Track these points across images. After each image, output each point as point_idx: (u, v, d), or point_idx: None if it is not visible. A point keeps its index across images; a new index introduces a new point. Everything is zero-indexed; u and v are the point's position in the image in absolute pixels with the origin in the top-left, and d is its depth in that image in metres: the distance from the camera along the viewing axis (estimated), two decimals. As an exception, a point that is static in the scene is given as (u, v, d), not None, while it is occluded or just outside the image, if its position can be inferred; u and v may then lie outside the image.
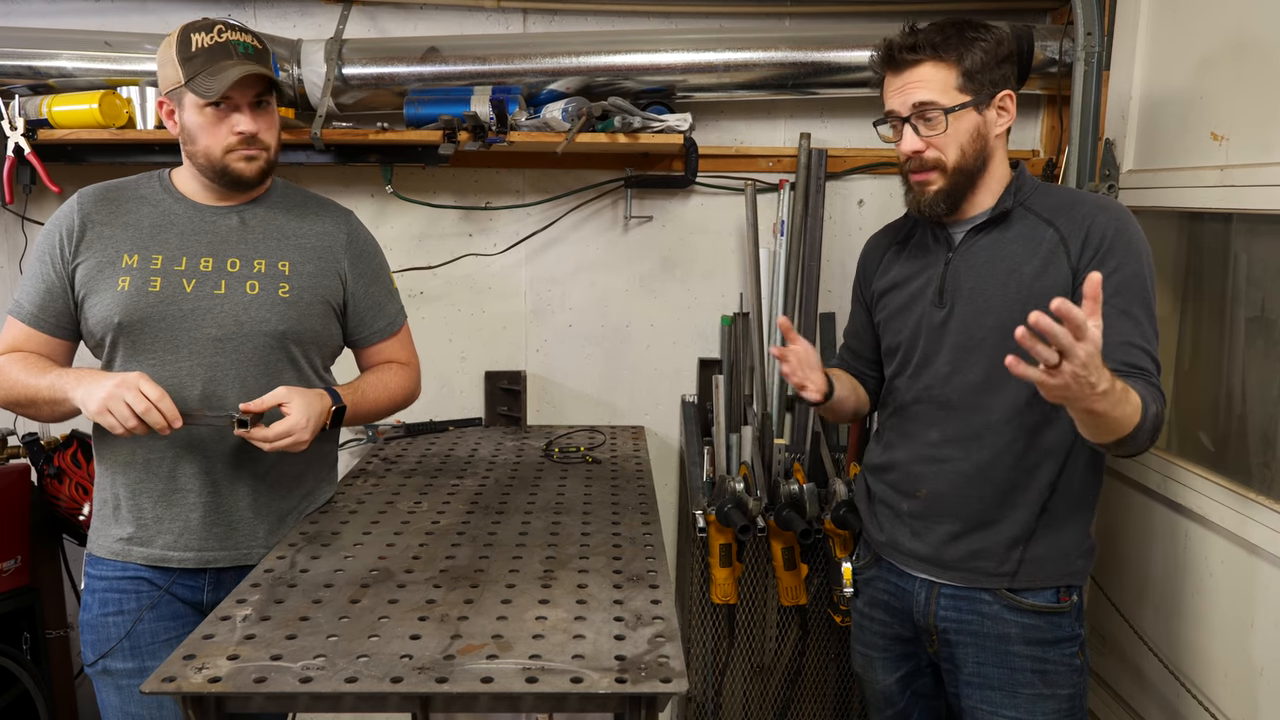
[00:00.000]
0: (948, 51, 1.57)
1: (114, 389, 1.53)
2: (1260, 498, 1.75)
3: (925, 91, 1.58)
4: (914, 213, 1.70)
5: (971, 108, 1.59)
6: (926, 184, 1.63)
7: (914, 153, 1.62)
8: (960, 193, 1.64)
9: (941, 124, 1.58)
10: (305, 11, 2.56)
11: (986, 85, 1.59)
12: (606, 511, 1.89)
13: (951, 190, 1.63)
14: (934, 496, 1.69)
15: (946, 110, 1.57)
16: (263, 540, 1.76)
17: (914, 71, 1.59)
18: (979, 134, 1.61)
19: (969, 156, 1.61)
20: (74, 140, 2.34)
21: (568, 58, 2.39)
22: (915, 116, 1.60)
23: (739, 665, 2.50)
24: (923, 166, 1.62)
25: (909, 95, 1.60)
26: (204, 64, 1.62)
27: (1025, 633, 1.64)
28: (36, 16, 2.52)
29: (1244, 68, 1.84)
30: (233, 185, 1.71)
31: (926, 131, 1.60)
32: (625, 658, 1.27)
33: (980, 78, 1.59)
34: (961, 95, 1.58)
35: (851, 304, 1.96)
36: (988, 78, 1.59)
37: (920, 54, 1.58)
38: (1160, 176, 2.10)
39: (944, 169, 1.61)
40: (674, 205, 2.69)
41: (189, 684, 1.20)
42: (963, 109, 1.58)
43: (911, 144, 1.61)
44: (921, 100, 1.58)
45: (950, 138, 1.59)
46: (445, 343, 2.73)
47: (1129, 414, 1.36)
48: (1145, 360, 1.51)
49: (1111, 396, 1.30)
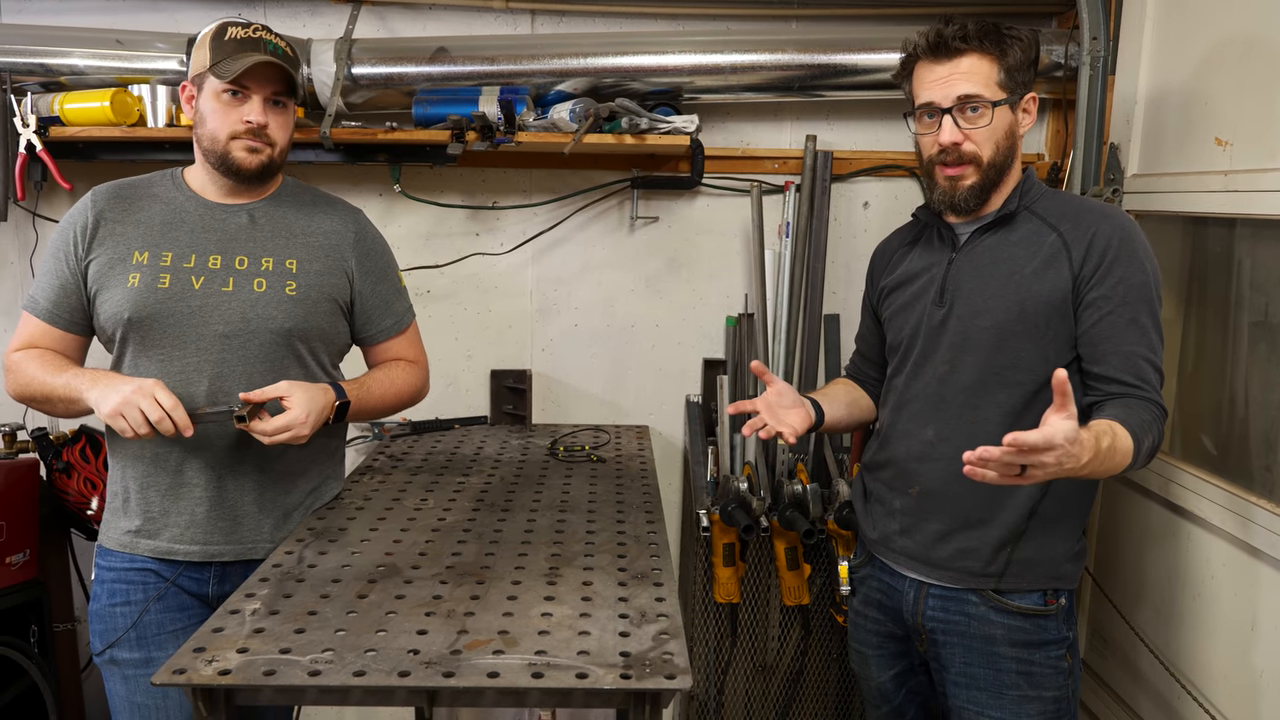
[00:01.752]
0: (993, 45, 1.58)
1: (130, 395, 1.55)
2: (1262, 501, 1.75)
3: (970, 84, 1.58)
4: (944, 207, 1.67)
5: (1007, 105, 1.60)
6: (960, 178, 1.62)
7: (952, 144, 1.60)
8: (990, 189, 1.63)
9: (986, 116, 1.58)
10: (315, 11, 2.57)
11: (1020, 85, 1.60)
12: (611, 510, 1.90)
13: (984, 186, 1.62)
14: (926, 493, 1.70)
15: (995, 103, 1.58)
16: (268, 535, 1.78)
17: (960, 62, 1.58)
18: (1010, 132, 1.62)
19: (1001, 153, 1.61)
20: (85, 138, 2.36)
21: (575, 59, 2.41)
22: (957, 109, 1.59)
23: (741, 664, 2.51)
24: (960, 160, 1.61)
25: (953, 87, 1.58)
26: (231, 51, 1.66)
27: (1011, 634, 1.65)
28: (49, 14, 2.53)
29: (1249, 73, 1.85)
30: (232, 175, 1.72)
31: (966, 125, 1.59)
32: (630, 654, 1.28)
33: (1017, 76, 1.60)
34: (1001, 91, 1.59)
35: (862, 309, 1.97)
36: (1022, 78, 1.60)
37: (968, 45, 1.58)
38: (1165, 181, 2.11)
39: (979, 164, 1.61)
40: (680, 206, 2.70)
41: (199, 676, 1.21)
42: (1002, 105, 1.59)
43: (951, 135, 1.59)
44: (967, 93, 1.58)
45: (989, 133, 1.59)
46: (451, 341, 2.74)
47: (1119, 463, 1.42)
48: (1149, 372, 1.53)
49: (1096, 462, 1.36)
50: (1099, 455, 1.35)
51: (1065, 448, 1.26)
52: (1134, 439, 1.42)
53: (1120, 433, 1.41)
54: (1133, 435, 1.43)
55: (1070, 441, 1.27)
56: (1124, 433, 1.42)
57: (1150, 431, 1.46)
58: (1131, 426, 1.43)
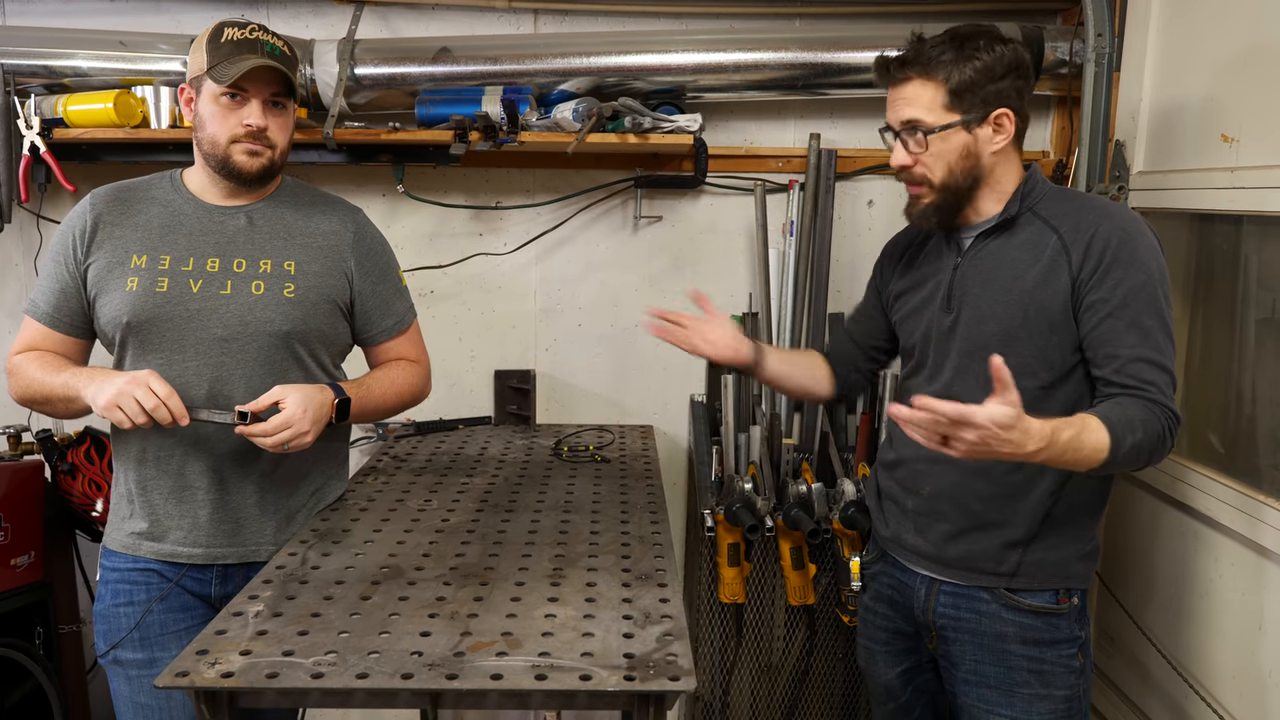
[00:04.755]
0: (935, 70, 1.57)
1: (124, 385, 1.55)
2: (1270, 500, 1.75)
3: (911, 109, 1.59)
4: (910, 221, 1.72)
5: (960, 127, 1.58)
6: (918, 197, 1.66)
7: (901, 167, 1.64)
8: (951, 208, 1.64)
9: (924, 143, 1.59)
10: (318, 12, 2.57)
11: (978, 104, 1.57)
12: (615, 510, 1.90)
13: (941, 205, 1.64)
14: (936, 494, 1.70)
15: (928, 131, 1.58)
16: (270, 537, 1.77)
17: (903, 88, 1.60)
18: (969, 152, 1.60)
19: (957, 174, 1.61)
20: (89, 139, 2.36)
21: (578, 58, 2.40)
22: (904, 132, 1.61)
23: (746, 664, 2.50)
24: (911, 180, 1.65)
25: (898, 111, 1.61)
26: (228, 54, 1.64)
27: (1023, 632, 1.64)
28: (52, 16, 2.54)
29: (1255, 69, 1.84)
30: (233, 179, 1.72)
31: (915, 148, 1.61)
32: (634, 656, 1.27)
33: (970, 97, 1.57)
34: (949, 114, 1.57)
35: (866, 289, 1.96)
36: (979, 96, 1.57)
37: (908, 70, 1.59)
38: (1171, 178, 2.10)
39: (931, 185, 1.62)
40: (684, 205, 2.70)
41: (202, 679, 1.21)
42: (948, 129, 1.58)
43: (900, 159, 1.63)
44: (908, 118, 1.60)
45: (936, 156, 1.60)
46: (455, 341, 2.74)
47: (1087, 456, 1.39)
48: (1152, 373, 1.49)
49: (1052, 451, 1.34)
50: (1055, 445, 1.34)
51: (989, 429, 1.26)
52: (1112, 434, 1.40)
53: (1093, 426, 1.39)
54: (1111, 430, 1.40)
55: (1000, 425, 1.26)
56: (1097, 426, 1.39)
57: (1138, 429, 1.42)
58: (1112, 422, 1.41)
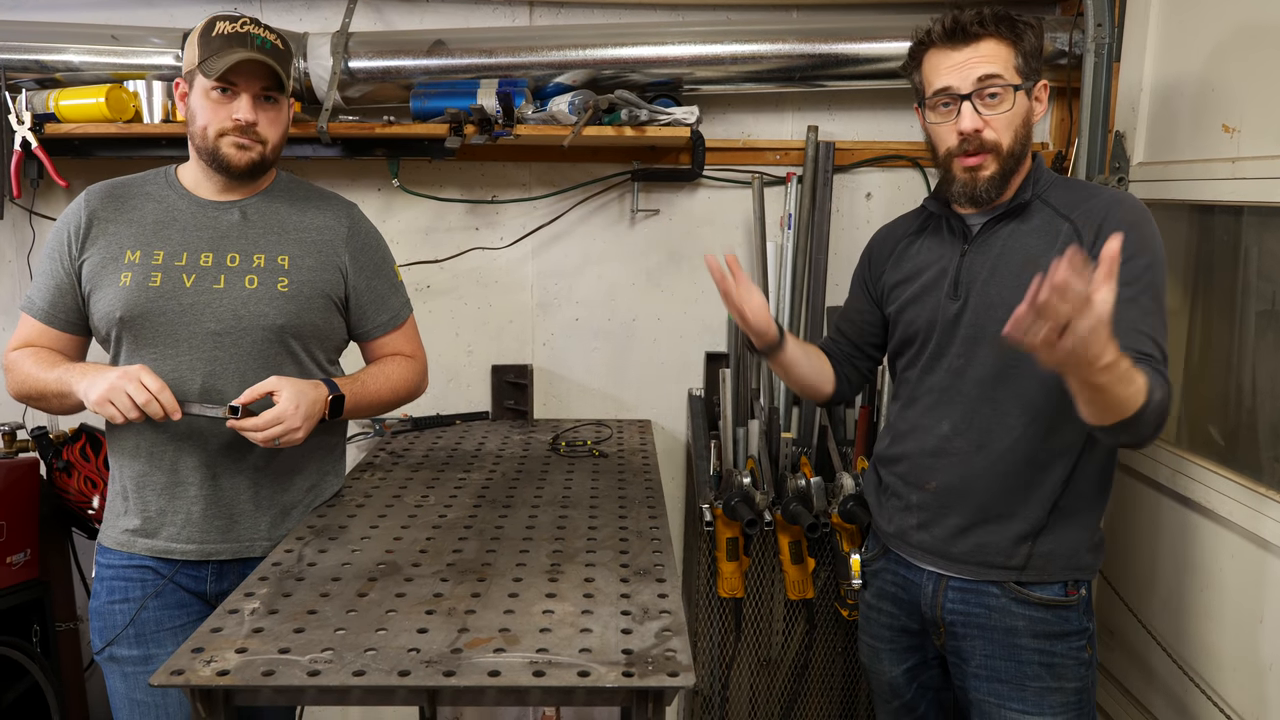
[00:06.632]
0: (1009, 31, 1.55)
1: (116, 380, 1.56)
2: (1271, 492, 1.74)
3: (989, 65, 1.54)
4: (963, 200, 1.63)
5: (1024, 91, 1.57)
6: (980, 168, 1.58)
7: (973, 131, 1.56)
8: (1009, 178, 1.60)
9: (1007, 102, 1.54)
10: (311, 5, 2.55)
11: (1034, 72, 1.58)
12: (613, 505, 1.89)
13: (1004, 175, 1.59)
14: (943, 489, 1.68)
15: (1015, 87, 1.55)
16: (265, 533, 1.77)
17: (979, 46, 1.55)
18: (1027, 120, 1.59)
19: (1018, 142, 1.58)
20: (81, 134, 2.34)
21: (574, 50, 2.39)
22: (976, 94, 1.55)
23: (746, 659, 2.49)
24: (981, 148, 1.56)
25: (972, 70, 1.55)
26: (218, 48, 1.64)
27: (1033, 625, 1.64)
28: (43, 10, 2.52)
29: (1256, 59, 1.83)
30: (223, 172, 1.72)
31: (986, 111, 1.55)
32: (632, 651, 1.26)
33: (1034, 62, 1.57)
34: (1019, 77, 1.56)
35: (851, 288, 1.94)
36: (1035, 64, 1.57)
37: (986, 29, 1.55)
38: (1171, 169, 2.09)
39: (999, 152, 1.57)
40: (681, 198, 2.69)
41: (197, 677, 1.20)
42: (1021, 89, 1.56)
43: (972, 121, 1.55)
44: (988, 74, 1.54)
45: (1009, 119, 1.56)
46: (452, 336, 2.73)
47: (1132, 394, 1.32)
48: (1152, 348, 1.47)
49: (1115, 371, 1.27)
50: (1118, 366, 1.26)
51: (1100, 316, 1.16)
52: (1147, 382, 1.35)
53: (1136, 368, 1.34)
54: (1146, 379, 1.35)
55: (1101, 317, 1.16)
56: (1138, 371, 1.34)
57: (1159, 387, 1.38)
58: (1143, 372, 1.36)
